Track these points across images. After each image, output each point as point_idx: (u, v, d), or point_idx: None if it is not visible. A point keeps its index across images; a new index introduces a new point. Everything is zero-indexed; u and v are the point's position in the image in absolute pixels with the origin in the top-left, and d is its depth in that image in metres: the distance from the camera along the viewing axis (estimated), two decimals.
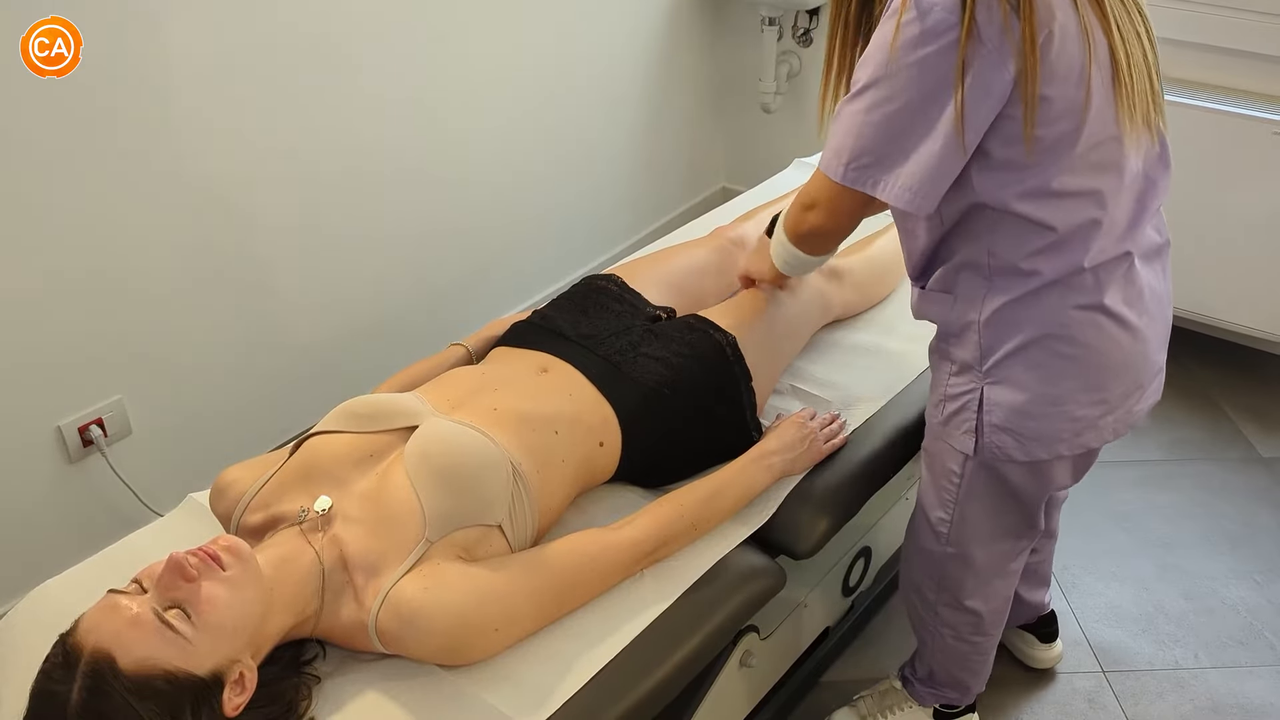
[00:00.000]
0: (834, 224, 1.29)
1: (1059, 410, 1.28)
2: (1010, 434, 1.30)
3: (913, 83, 1.12)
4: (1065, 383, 1.27)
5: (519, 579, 1.22)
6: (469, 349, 1.60)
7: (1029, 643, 1.91)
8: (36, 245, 1.77)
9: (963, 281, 1.29)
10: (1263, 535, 2.22)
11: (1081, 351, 1.25)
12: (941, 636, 1.59)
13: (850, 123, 1.18)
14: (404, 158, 2.35)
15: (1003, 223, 1.21)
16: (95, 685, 0.98)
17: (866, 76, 1.15)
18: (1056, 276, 1.22)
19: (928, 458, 1.46)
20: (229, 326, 2.12)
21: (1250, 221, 2.47)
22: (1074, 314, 1.24)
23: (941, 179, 1.16)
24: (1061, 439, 1.30)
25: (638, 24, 2.89)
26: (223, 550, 1.09)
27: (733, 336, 1.55)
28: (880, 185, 1.18)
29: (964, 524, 1.45)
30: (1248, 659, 1.94)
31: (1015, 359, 1.27)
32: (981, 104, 1.11)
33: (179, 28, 1.84)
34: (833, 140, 1.21)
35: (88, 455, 1.98)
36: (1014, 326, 1.26)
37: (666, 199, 3.31)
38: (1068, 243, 1.20)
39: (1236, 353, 2.77)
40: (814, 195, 1.29)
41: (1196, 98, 2.48)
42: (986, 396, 1.29)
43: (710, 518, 1.40)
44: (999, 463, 1.35)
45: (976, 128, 1.13)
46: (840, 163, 1.19)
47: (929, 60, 1.10)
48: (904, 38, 1.10)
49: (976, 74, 1.09)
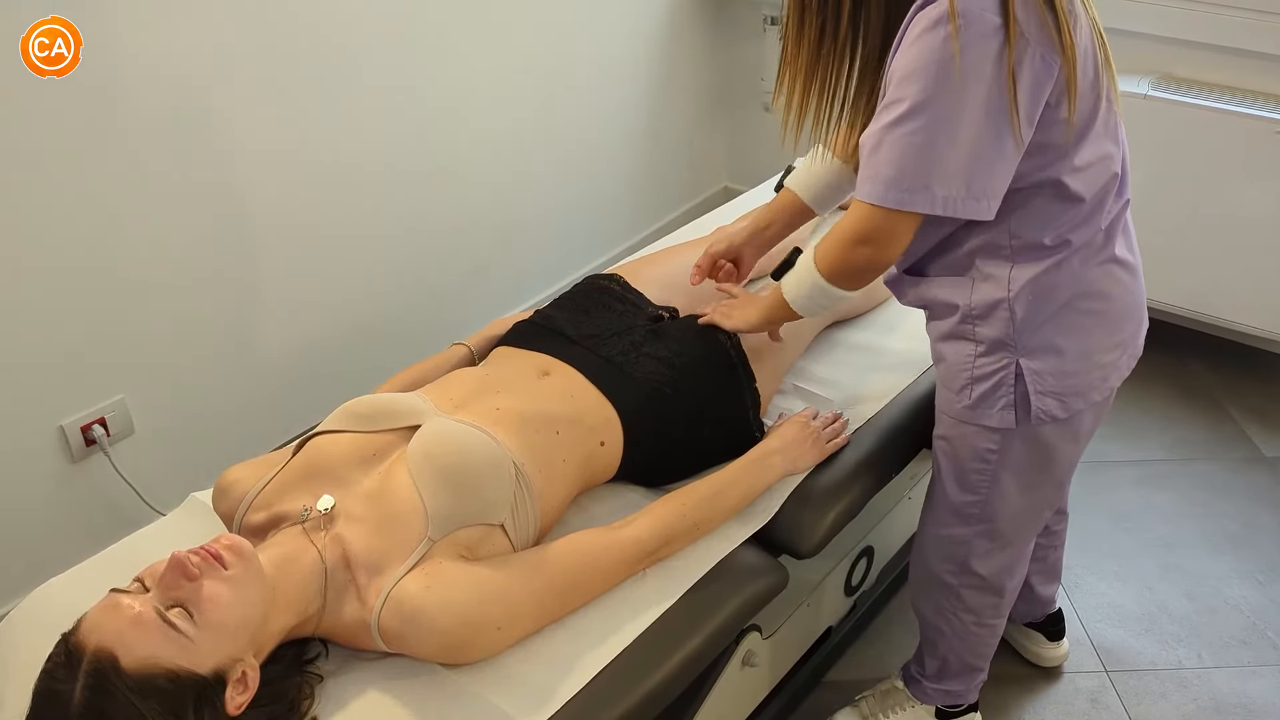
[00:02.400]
0: (888, 253, 1.25)
1: (1090, 362, 1.33)
2: (1053, 396, 1.33)
3: (969, 93, 1.10)
4: (1093, 336, 1.32)
5: (521, 578, 1.22)
6: (471, 349, 1.60)
7: (1037, 641, 1.91)
8: (39, 245, 1.78)
9: (980, 264, 1.30)
10: (1265, 535, 2.22)
11: (1103, 304, 1.31)
12: (962, 624, 1.59)
13: (904, 146, 1.14)
14: (406, 157, 2.35)
15: (1027, 203, 1.23)
16: (98, 684, 0.98)
17: (915, 96, 1.11)
18: (1082, 243, 1.26)
19: (948, 446, 1.45)
20: (231, 326, 2.12)
21: (1254, 221, 2.46)
22: (1094, 271, 1.29)
23: (1005, 180, 1.18)
24: (1094, 387, 1.35)
25: (639, 23, 2.89)
26: (225, 549, 1.09)
27: (735, 336, 1.55)
28: (949, 204, 1.16)
29: (999, 500, 1.45)
30: (1250, 659, 1.94)
31: (1049, 326, 1.30)
32: (1034, 99, 1.13)
33: (179, 27, 1.84)
34: (883, 169, 1.16)
35: (90, 454, 1.98)
36: (1046, 297, 1.28)
37: (668, 198, 3.31)
38: (1093, 209, 1.25)
39: (1239, 352, 2.77)
40: (864, 229, 1.23)
41: (1199, 97, 2.48)
42: (1025, 367, 1.31)
43: (712, 517, 1.40)
44: (1040, 426, 1.36)
45: (1031, 122, 1.15)
46: (902, 189, 1.16)
47: (983, 68, 1.09)
48: (952, 49, 1.08)
49: (1026, 71, 1.11)
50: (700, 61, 3.19)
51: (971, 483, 1.45)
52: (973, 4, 1.08)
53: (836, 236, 1.29)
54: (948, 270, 1.34)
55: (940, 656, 1.66)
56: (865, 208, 1.21)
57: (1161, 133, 2.48)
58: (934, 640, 1.65)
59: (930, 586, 1.61)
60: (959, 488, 1.47)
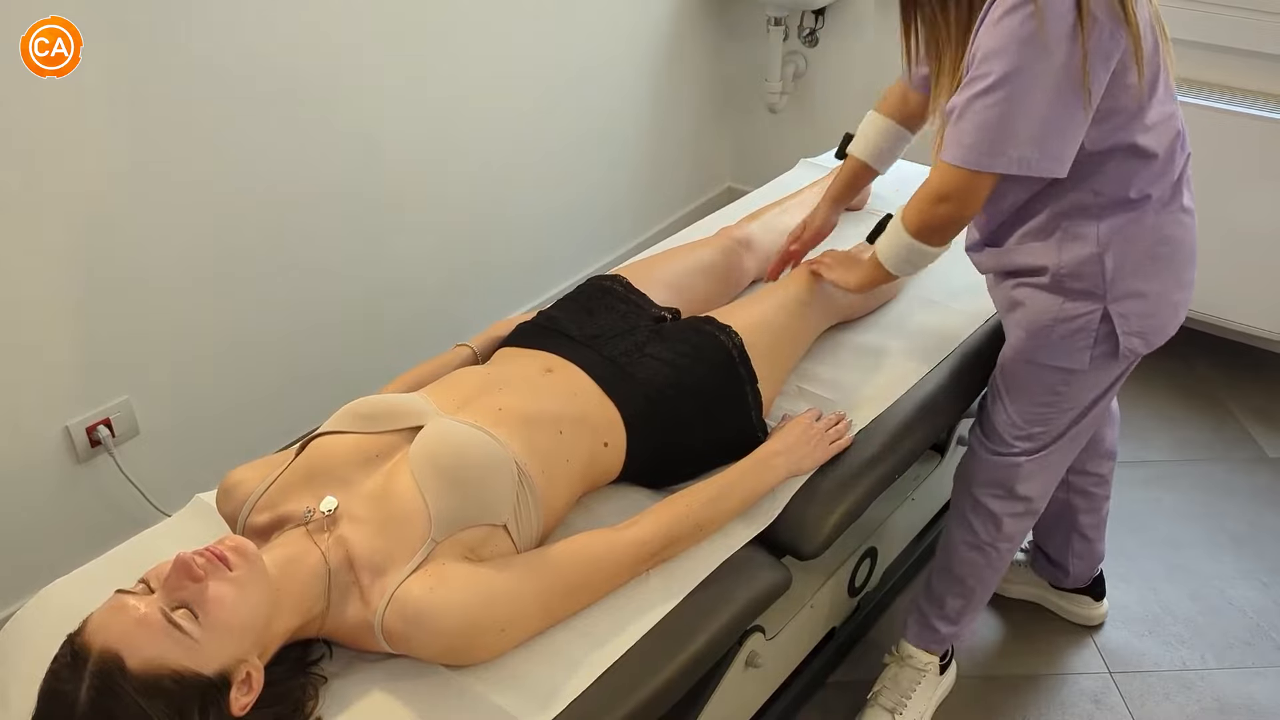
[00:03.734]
0: (969, 210, 1.40)
1: (1167, 301, 1.48)
2: (1137, 335, 1.47)
3: (1046, 66, 1.24)
4: (1169, 278, 1.46)
5: (525, 579, 1.22)
6: (474, 349, 1.60)
7: (1085, 605, 2.01)
8: (42, 246, 1.78)
9: (1067, 225, 1.42)
10: (1269, 536, 2.21)
11: (1175, 249, 1.45)
12: (999, 553, 1.70)
13: (985, 116, 1.29)
14: (408, 158, 2.36)
15: (1107, 163, 1.36)
16: (103, 685, 0.99)
17: (1000, 70, 1.26)
18: (1161, 195, 1.40)
19: (1014, 382, 1.57)
20: (235, 327, 2.13)
21: (1259, 221, 2.46)
22: (1166, 220, 1.43)
23: (1074, 142, 1.31)
24: (1170, 324, 1.50)
25: (643, 24, 2.89)
26: (229, 550, 1.09)
27: (739, 337, 1.55)
28: (1024, 164, 1.31)
29: (1055, 428, 1.58)
30: (1254, 660, 1.94)
31: (1136, 274, 1.43)
32: (1102, 69, 1.27)
33: (179, 27, 1.84)
34: (965, 135, 1.32)
35: (95, 456, 1.99)
36: (1133, 248, 1.41)
37: (672, 199, 3.31)
38: (1166, 163, 1.39)
39: (1244, 353, 2.77)
40: (945, 187, 1.38)
41: (1205, 97, 2.48)
42: (1114, 312, 1.44)
43: (716, 518, 1.40)
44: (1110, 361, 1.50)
45: (1099, 90, 1.28)
46: (981, 152, 1.31)
47: (1058, 45, 1.23)
48: (1032, 27, 1.23)
49: (1095, 45, 1.24)
50: (704, 62, 3.19)
51: (1039, 415, 1.57)
52: None
53: (922, 196, 1.43)
54: (1032, 236, 1.46)
55: (969, 591, 1.73)
56: (948, 168, 1.36)
57: None
58: (964, 576, 1.72)
59: (973, 516, 1.69)
60: (1025, 421, 1.59)
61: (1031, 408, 1.57)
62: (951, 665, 1.86)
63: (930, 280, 1.88)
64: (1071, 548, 1.91)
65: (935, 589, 1.76)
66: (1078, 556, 1.92)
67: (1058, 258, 1.44)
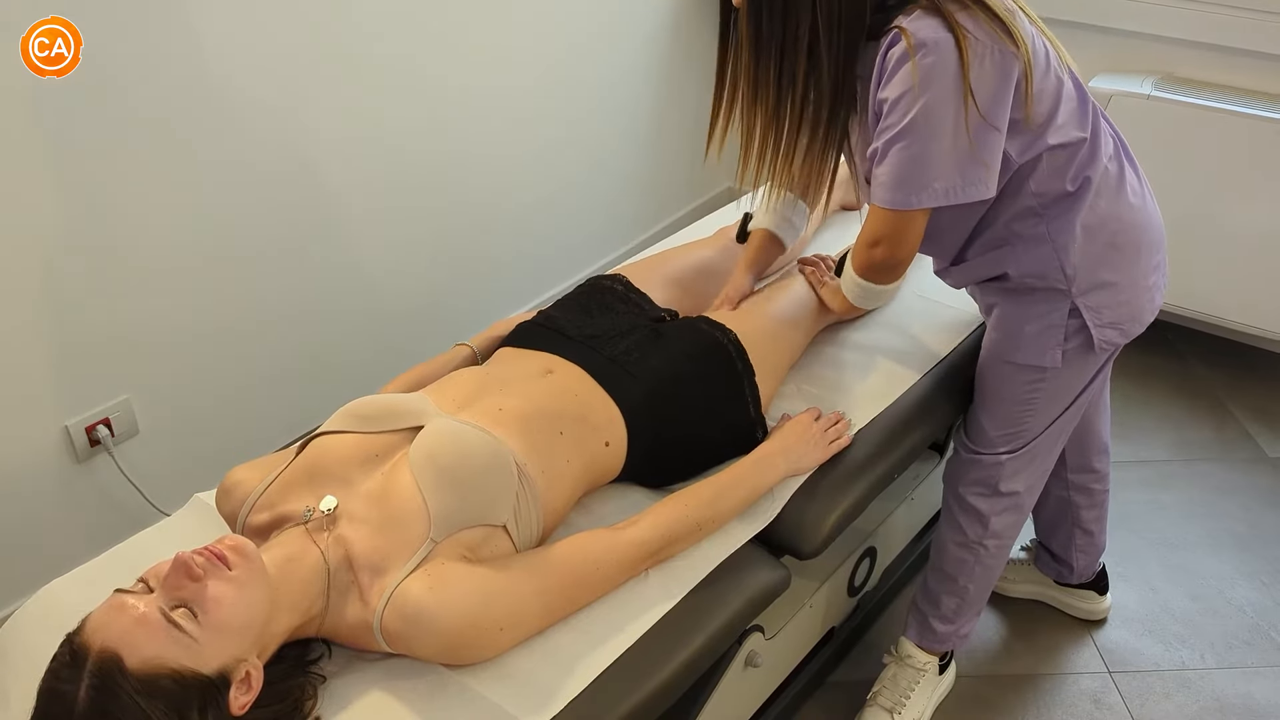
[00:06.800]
0: (903, 250, 1.41)
1: (1140, 289, 1.49)
2: (1111, 326, 1.49)
3: (945, 103, 1.27)
4: (1136, 265, 1.48)
5: (524, 579, 1.22)
6: (474, 349, 1.60)
7: (1090, 599, 2.03)
8: (41, 244, 1.78)
9: (1018, 229, 1.45)
10: (1269, 536, 2.22)
11: (1137, 235, 1.47)
12: (989, 551, 1.71)
13: (901, 158, 1.32)
14: (407, 159, 2.36)
15: (1038, 165, 1.39)
16: (102, 684, 0.98)
17: (905, 113, 1.29)
18: (1103, 180, 1.41)
19: (993, 383, 1.60)
20: (235, 326, 2.13)
21: (1257, 221, 2.46)
22: (1122, 206, 1.44)
23: (994, 162, 1.34)
24: (1146, 312, 1.52)
25: (644, 25, 2.89)
26: (229, 550, 1.09)
27: (737, 337, 1.55)
28: (950, 193, 1.33)
29: (1036, 426, 1.60)
30: (1254, 660, 1.94)
31: (1098, 265, 1.45)
32: (1003, 89, 1.29)
33: (179, 26, 1.84)
34: (887, 178, 1.34)
35: (95, 455, 1.99)
36: (1090, 240, 1.43)
37: (672, 199, 3.31)
38: (1094, 142, 1.40)
39: (1243, 353, 2.77)
40: (876, 231, 1.40)
41: (1201, 97, 2.48)
42: (1083, 306, 1.46)
43: (715, 518, 1.40)
44: (1087, 355, 1.52)
45: (1004, 109, 1.30)
46: (907, 191, 1.33)
47: (950, 79, 1.26)
48: (923, 72, 1.26)
49: (989, 66, 1.27)
50: (704, 62, 3.19)
51: (1011, 414, 1.59)
52: (925, 32, 1.25)
53: (859, 242, 1.46)
54: (989, 246, 1.49)
55: (961, 590, 1.73)
56: (878, 211, 1.38)
57: (1164, 133, 2.48)
58: (955, 575, 1.73)
59: (960, 515, 1.70)
60: (1000, 418, 1.61)
61: (1010, 407, 1.59)
62: (951, 665, 1.86)
63: (930, 280, 1.88)
64: (1075, 543, 1.93)
65: (931, 589, 1.77)
66: (1081, 551, 1.94)
67: (1017, 262, 1.47)
